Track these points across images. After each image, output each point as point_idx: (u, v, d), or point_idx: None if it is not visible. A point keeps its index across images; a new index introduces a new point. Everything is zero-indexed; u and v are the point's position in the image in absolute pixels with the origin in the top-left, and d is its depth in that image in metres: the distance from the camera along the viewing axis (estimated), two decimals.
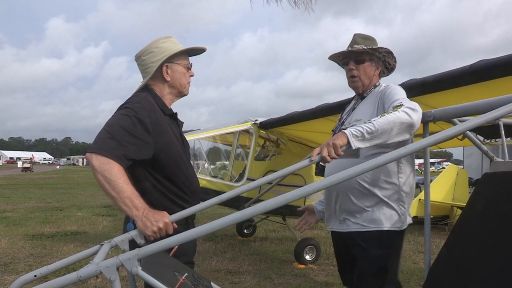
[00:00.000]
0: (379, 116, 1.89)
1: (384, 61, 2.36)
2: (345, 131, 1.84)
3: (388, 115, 1.87)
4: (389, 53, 2.32)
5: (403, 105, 1.94)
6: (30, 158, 68.27)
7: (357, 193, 2.17)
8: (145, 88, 2.06)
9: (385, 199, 2.14)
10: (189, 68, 2.13)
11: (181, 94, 2.14)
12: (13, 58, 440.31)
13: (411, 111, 1.90)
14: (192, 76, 2.16)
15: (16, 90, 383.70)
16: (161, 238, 1.60)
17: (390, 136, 1.86)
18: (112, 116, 1.87)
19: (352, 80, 2.34)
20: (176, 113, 2.12)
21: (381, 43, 2.38)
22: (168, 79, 2.05)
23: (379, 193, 2.14)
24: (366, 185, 2.15)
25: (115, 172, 1.69)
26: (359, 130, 1.82)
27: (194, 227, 1.92)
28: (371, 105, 2.25)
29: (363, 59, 2.31)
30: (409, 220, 2.24)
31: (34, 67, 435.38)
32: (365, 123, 1.87)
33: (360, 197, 2.17)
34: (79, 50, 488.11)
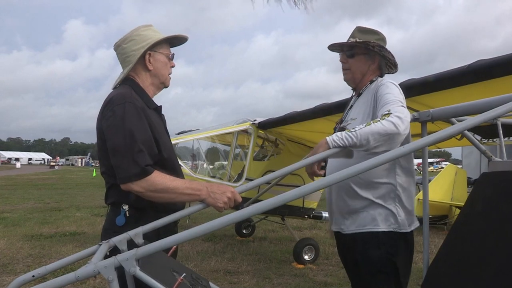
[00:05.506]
0: (364, 125, 1.83)
1: (383, 56, 2.24)
2: (327, 138, 1.86)
3: (373, 125, 1.80)
4: (382, 47, 2.21)
5: (391, 113, 1.85)
6: (55, 158, 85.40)
7: (349, 194, 2.14)
8: (127, 79, 1.97)
9: (378, 200, 2.09)
10: (170, 58, 2.05)
11: (162, 85, 2.06)
12: (28, 60, 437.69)
13: (399, 121, 1.80)
14: (173, 67, 2.08)
15: (25, 92, 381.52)
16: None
17: (370, 146, 1.81)
18: (114, 126, 1.76)
19: (343, 72, 2.31)
20: (160, 106, 2.04)
21: (393, 44, 2.32)
22: (150, 68, 1.97)
23: (369, 194, 2.09)
24: (354, 187, 2.11)
25: (158, 181, 1.71)
26: (341, 138, 1.83)
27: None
28: (365, 103, 2.19)
29: (354, 53, 2.25)
30: (416, 224, 2.17)
31: (47, 69, 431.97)
32: (349, 131, 1.84)
33: (352, 198, 2.14)
34: (92, 52, 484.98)
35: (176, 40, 2.07)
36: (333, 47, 2.35)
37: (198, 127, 8.16)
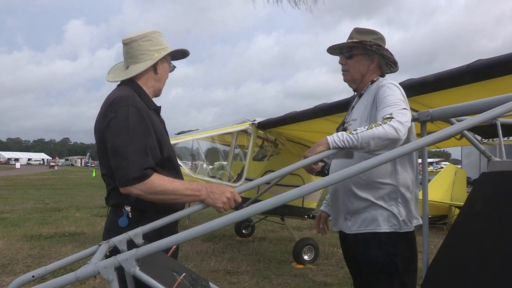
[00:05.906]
0: (365, 127, 1.84)
1: (382, 54, 2.24)
2: (328, 138, 1.87)
3: (374, 129, 1.82)
4: (379, 46, 2.20)
5: (393, 118, 1.86)
6: (55, 159, 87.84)
7: (352, 194, 2.14)
8: (128, 79, 1.96)
9: (379, 200, 2.08)
10: (171, 70, 2.11)
11: (158, 92, 2.08)
12: (29, 60, 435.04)
13: (400, 126, 1.83)
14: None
15: (25, 92, 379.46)
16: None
17: (370, 149, 1.83)
18: (117, 128, 1.77)
19: (342, 74, 2.31)
20: (160, 106, 2.05)
21: (394, 44, 2.30)
22: (158, 71, 2.00)
23: (370, 195, 2.09)
24: (354, 187, 2.11)
25: (157, 183, 1.71)
26: (341, 140, 1.84)
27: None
28: (365, 104, 2.19)
29: (352, 54, 2.24)
30: (416, 221, 2.16)
31: (47, 69, 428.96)
32: (351, 132, 1.85)
33: (354, 199, 2.14)
34: (93, 52, 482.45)
35: (178, 54, 2.12)
36: (332, 50, 2.35)
37: (198, 127, 8.16)
